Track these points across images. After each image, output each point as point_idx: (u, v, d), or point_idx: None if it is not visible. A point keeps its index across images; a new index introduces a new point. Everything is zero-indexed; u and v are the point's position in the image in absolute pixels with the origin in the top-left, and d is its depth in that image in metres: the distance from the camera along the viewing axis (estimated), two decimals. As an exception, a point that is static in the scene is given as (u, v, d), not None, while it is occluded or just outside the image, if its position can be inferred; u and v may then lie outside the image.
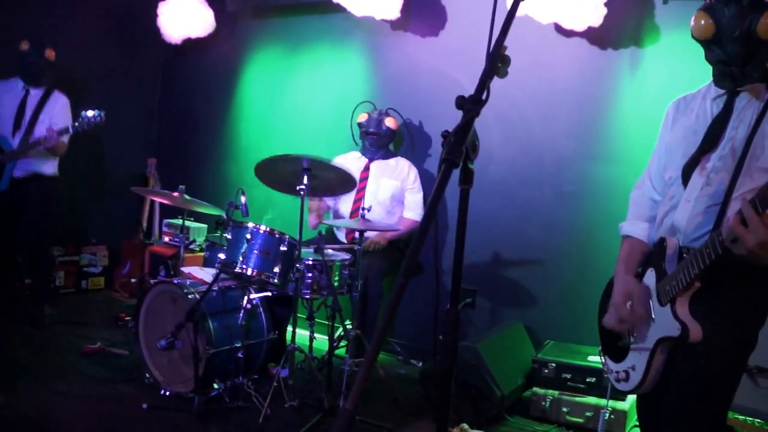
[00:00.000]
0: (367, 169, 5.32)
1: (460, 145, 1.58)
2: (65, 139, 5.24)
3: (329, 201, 5.42)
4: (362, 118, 5.34)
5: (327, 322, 4.51)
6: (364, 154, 5.40)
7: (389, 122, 5.26)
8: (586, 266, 4.73)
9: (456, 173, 1.60)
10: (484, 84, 1.67)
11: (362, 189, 5.27)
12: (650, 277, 2.43)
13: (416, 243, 1.48)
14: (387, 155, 5.36)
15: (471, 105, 1.64)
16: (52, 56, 5.38)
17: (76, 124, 5.11)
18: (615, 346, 2.61)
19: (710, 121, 2.37)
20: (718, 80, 2.37)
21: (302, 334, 4.54)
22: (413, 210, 5.29)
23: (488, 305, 5.23)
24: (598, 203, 4.74)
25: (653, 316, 2.37)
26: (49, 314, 5.44)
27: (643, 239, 2.61)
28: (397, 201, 5.30)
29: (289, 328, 4.25)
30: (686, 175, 2.38)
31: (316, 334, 4.58)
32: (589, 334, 4.52)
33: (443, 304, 1.74)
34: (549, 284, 4.99)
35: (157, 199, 5.71)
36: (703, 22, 2.30)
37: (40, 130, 5.25)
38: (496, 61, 1.72)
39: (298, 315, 4.39)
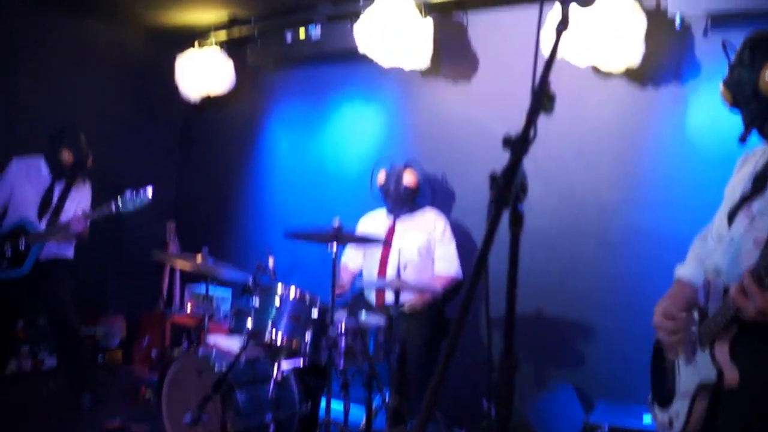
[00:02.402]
0: (392, 229, 5.29)
1: (509, 185, 1.59)
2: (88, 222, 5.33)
3: (354, 266, 5.44)
4: (381, 178, 5.33)
5: (361, 396, 4.45)
6: (389, 212, 5.40)
7: (407, 180, 5.23)
8: (636, 320, 4.62)
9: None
10: (530, 122, 1.68)
11: (387, 253, 5.23)
12: (695, 320, 2.48)
13: (467, 297, 1.49)
14: (413, 209, 5.33)
15: (519, 144, 1.65)
16: (91, 164, 5.54)
17: (119, 203, 5.18)
18: (663, 393, 2.65)
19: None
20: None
21: (336, 406, 4.47)
22: (446, 263, 5.21)
23: (533, 366, 5.15)
24: (646, 252, 4.69)
25: (696, 360, 2.41)
26: (87, 407, 5.38)
27: (692, 280, 2.66)
28: (426, 256, 5.23)
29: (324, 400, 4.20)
30: (732, 217, 2.43)
31: (351, 405, 4.50)
32: (643, 391, 4.47)
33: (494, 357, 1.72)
34: (597, 341, 4.92)
35: (179, 264, 5.74)
36: (721, 92, 2.52)
37: (65, 218, 5.33)
38: (542, 97, 1.74)
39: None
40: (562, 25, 1.84)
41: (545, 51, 1.78)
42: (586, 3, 2.01)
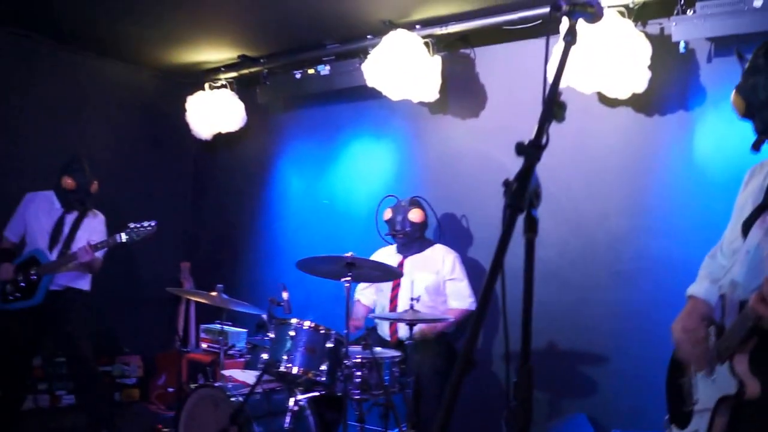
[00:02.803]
0: (401, 266, 5.26)
1: (523, 190, 1.61)
2: (100, 255, 5.39)
3: (367, 301, 5.46)
4: (387, 215, 5.34)
5: (378, 429, 4.42)
6: (398, 250, 5.41)
7: (413, 216, 5.23)
8: (649, 348, 4.57)
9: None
10: (542, 128, 1.70)
11: (397, 287, 5.23)
12: (712, 336, 2.46)
13: (483, 299, 1.51)
14: (422, 247, 5.34)
15: (531, 150, 1.67)
16: (95, 189, 5.58)
17: (125, 235, 5.23)
18: (680, 412, 2.62)
19: None
20: None
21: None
22: (458, 299, 5.19)
23: (546, 397, 5.11)
24: (657, 281, 4.67)
25: (713, 376, 2.38)
26: None
27: (706, 298, 2.63)
28: (436, 294, 5.20)
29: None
30: (746, 229, 2.41)
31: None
32: (658, 418, 4.43)
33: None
34: (610, 369, 4.88)
35: (194, 300, 5.75)
36: (733, 100, 2.47)
37: (78, 246, 5.35)
38: (553, 105, 1.76)
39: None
40: (570, 36, 1.86)
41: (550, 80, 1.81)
42: (594, 19, 2.04)
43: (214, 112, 6.86)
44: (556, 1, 2.06)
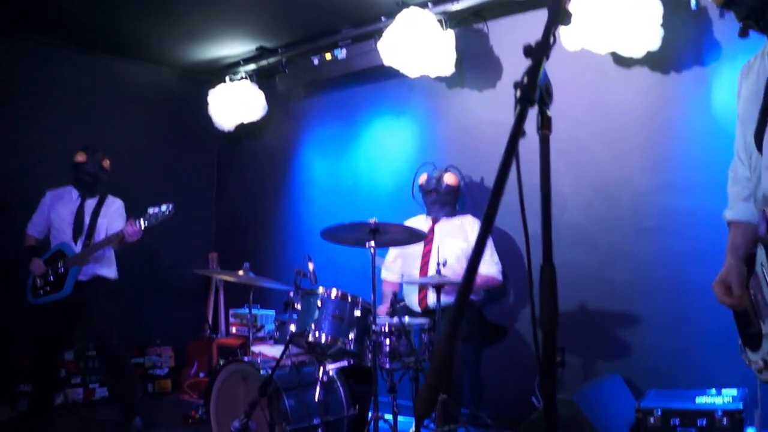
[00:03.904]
0: (431, 231, 5.26)
1: (534, 83, 1.60)
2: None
3: (394, 277, 5.43)
4: (422, 179, 5.35)
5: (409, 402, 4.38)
6: (428, 215, 5.39)
7: (449, 179, 5.25)
8: (680, 305, 4.57)
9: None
10: (549, 30, 1.69)
11: (428, 252, 5.22)
12: (761, 254, 2.31)
13: (494, 194, 1.48)
14: (451, 213, 5.33)
15: (539, 48, 1.66)
16: (108, 166, 5.61)
17: (143, 220, 5.22)
18: (750, 335, 2.48)
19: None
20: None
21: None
22: (488, 266, 5.15)
23: (580, 361, 5.05)
24: (684, 235, 4.62)
25: None
26: (138, 430, 5.36)
27: (746, 219, 2.53)
28: (466, 261, 5.17)
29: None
30: (759, 141, 2.32)
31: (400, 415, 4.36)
32: (694, 376, 4.38)
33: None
34: (643, 330, 4.81)
35: (223, 285, 5.73)
36: None
37: (99, 235, 5.45)
38: (559, 9, 1.75)
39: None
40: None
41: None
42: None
43: (235, 104, 6.93)
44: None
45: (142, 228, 5.20)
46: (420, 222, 5.38)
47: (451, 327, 1.41)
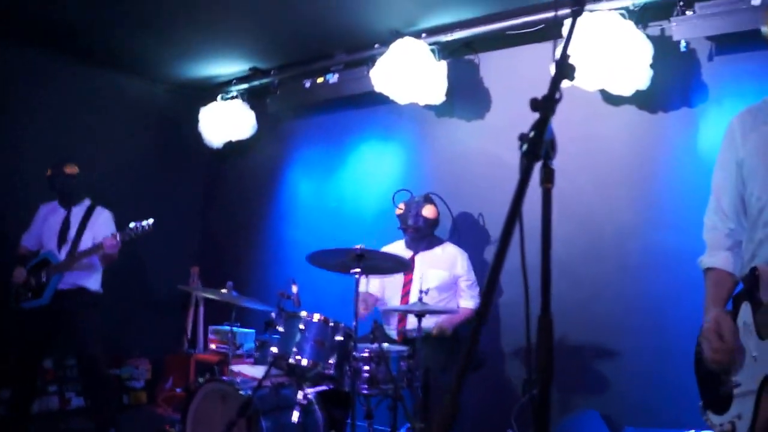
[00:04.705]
0: (412, 260, 5.20)
1: (541, 138, 1.59)
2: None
3: (375, 290, 5.35)
4: (400, 210, 5.28)
5: (385, 428, 4.35)
6: (408, 246, 5.35)
7: (427, 212, 5.19)
8: (660, 342, 4.56)
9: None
10: (555, 85, 1.69)
11: (409, 282, 5.18)
12: (746, 312, 2.30)
13: (498, 254, 1.48)
14: (432, 244, 5.28)
15: (545, 103, 1.66)
16: (73, 171, 5.55)
17: (123, 234, 5.22)
18: (717, 397, 2.43)
19: None
20: None
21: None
22: (470, 299, 5.16)
23: (557, 395, 5.04)
24: (665, 272, 4.64)
25: (754, 353, 2.22)
26: None
27: (727, 269, 2.51)
28: (449, 292, 5.15)
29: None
30: None
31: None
32: (672, 415, 4.37)
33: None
34: (622, 365, 4.81)
35: (203, 302, 5.71)
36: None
37: (85, 245, 5.40)
38: (564, 65, 1.75)
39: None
40: (578, 5, 1.84)
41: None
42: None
43: (225, 122, 6.92)
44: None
45: (120, 241, 5.19)
46: (400, 248, 5.35)
47: (456, 382, 1.39)
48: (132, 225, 5.24)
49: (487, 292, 1.47)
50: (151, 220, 5.25)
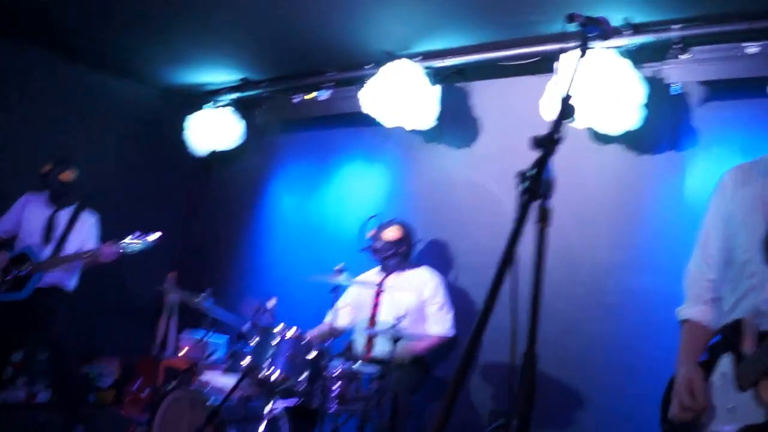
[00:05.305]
0: (382, 283, 5.18)
1: (540, 177, 1.60)
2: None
3: (342, 323, 5.30)
4: (369, 234, 5.31)
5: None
6: (381, 270, 5.35)
7: (387, 234, 5.20)
8: (630, 382, 4.53)
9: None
10: (558, 124, 1.70)
11: (377, 304, 5.15)
12: (726, 363, 2.28)
13: (491, 294, 1.48)
14: (403, 267, 5.27)
15: (547, 142, 1.66)
16: (68, 178, 5.50)
17: (124, 246, 5.25)
18: None
19: None
20: None
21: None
22: (438, 324, 5.09)
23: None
24: (640, 314, 4.61)
25: (731, 405, 2.21)
26: None
27: (703, 322, 2.52)
28: (416, 315, 5.07)
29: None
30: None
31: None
32: (638, 454, 4.36)
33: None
34: (591, 402, 4.78)
35: (178, 309, 5.65)
36: None
37: (70, 248, 5.37)
38: (567, 106, 1.76)
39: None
40: (582, 48, 1.85)
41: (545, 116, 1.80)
42: (605, 36, 2.04)
43: (211, 130, 6.90)
44: (571, 13, 2.08)
45: (120, 253, 5.20)
46: (374, 273, 5.37)
47: (443, 414, 1.39)
48: (134, 238, 5.30)
49: (477, 330, 1.47)
50: (158, 234, 5.34)
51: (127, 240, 5.26)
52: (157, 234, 5.32)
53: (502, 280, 1.49)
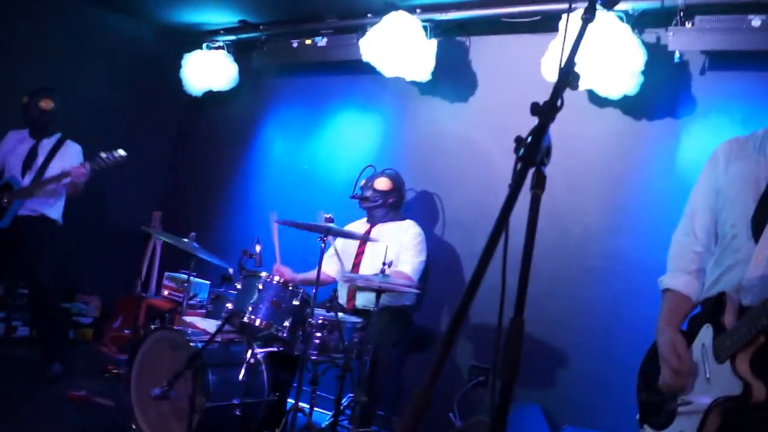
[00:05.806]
0: (368, 233, 5.18)
1: (538, 145, 1.58)
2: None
3: (330, 272, 5.32)
4: (362, 183, 5.29)
5: (329, 395, 4.34)
6: (367, 221, 5.34)
7: (378, 184, 5.17)
8: (610, 347, 4.56)
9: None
10: (557, 91, 1.67)
11: (361, 253, 5.16)
12: (706, 334, 2.30)
13: (484, 255, 1.47)
14: (390, 218, 5.23)
15: (546, 109, 1.64)
16: (48, 106, 5.47)
17: (92, 162, 5.22)
18: (657, 413, 2.46)
19: None
20: None
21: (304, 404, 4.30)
22: (408, 264, 5.00)
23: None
24: (626, 280, 4.62)
25: (708, 375, 2.24)
26: (55, 375, 5.24)
27: (686, 293, 2.52)
28: (395, 264, 5.02)
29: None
30: (758, 229, 2.27)
31: (316, 408, 4.31)
32: (611, 419, 4.41)
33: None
34: (569, 364, 4.82)
35: (161, 246, 5.64)
36: None
37: (52, 173, 5.35)
38: (569, 73, 1.73)
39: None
40: (588, 14, 1.80)
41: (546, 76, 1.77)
42: (610, 4, 2.00)
43: (207, 70, 6.86)
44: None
45: (89, 170, 5.17)
46: (360, 223, 5.36)
47: (430, 379, 1.39)
48: (103, 155, 5.24)
49: (467, 293, 1.46)
50: (122, 152, 5.26)
51: (97, 158, 5.25)
52: (123, 152, 5.30)
53: (495, 245, 1.48)
